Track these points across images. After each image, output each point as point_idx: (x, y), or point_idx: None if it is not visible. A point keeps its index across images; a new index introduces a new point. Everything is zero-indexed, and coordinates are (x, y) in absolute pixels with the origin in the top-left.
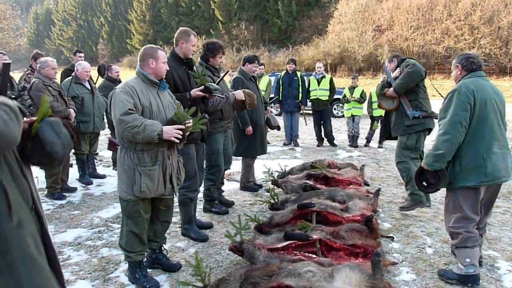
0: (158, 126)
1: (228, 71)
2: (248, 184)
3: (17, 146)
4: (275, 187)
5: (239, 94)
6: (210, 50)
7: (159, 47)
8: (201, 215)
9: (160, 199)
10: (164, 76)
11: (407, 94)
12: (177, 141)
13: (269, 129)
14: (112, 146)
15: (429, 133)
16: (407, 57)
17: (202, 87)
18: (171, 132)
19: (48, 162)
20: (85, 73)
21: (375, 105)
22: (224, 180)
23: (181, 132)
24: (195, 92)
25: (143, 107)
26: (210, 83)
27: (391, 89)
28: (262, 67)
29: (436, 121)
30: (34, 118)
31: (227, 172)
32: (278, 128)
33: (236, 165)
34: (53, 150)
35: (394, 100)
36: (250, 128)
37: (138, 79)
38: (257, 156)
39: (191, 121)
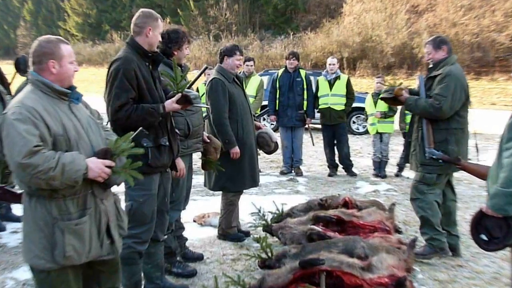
0: (81, 162)
1: (206, 67)
2: (230, 231)
3: None
4: (268, 235)
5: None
6: (174, 41)
7: (61, 38)
8: None
9: (98, 260)
10: (123, 76)
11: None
12: (102, 180)
13: (261, 152)
14: (8, 197)
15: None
16: (455, 60)
17: (179, 96)
18: (100, 168)
19: None
20: None
21: (409, 118)
22: (196, 224)
23: (109, 171)
24: (171, 105)
25: (54, 137)
26: (188, 90)
27: (405, 98)
28: (251, 62)
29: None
30: None
31: (199, 214)
32: (276, 146)
33: (214, 202)
34: None
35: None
36: (237, 149)
37: (37, 92)
38: (244, 191)
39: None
